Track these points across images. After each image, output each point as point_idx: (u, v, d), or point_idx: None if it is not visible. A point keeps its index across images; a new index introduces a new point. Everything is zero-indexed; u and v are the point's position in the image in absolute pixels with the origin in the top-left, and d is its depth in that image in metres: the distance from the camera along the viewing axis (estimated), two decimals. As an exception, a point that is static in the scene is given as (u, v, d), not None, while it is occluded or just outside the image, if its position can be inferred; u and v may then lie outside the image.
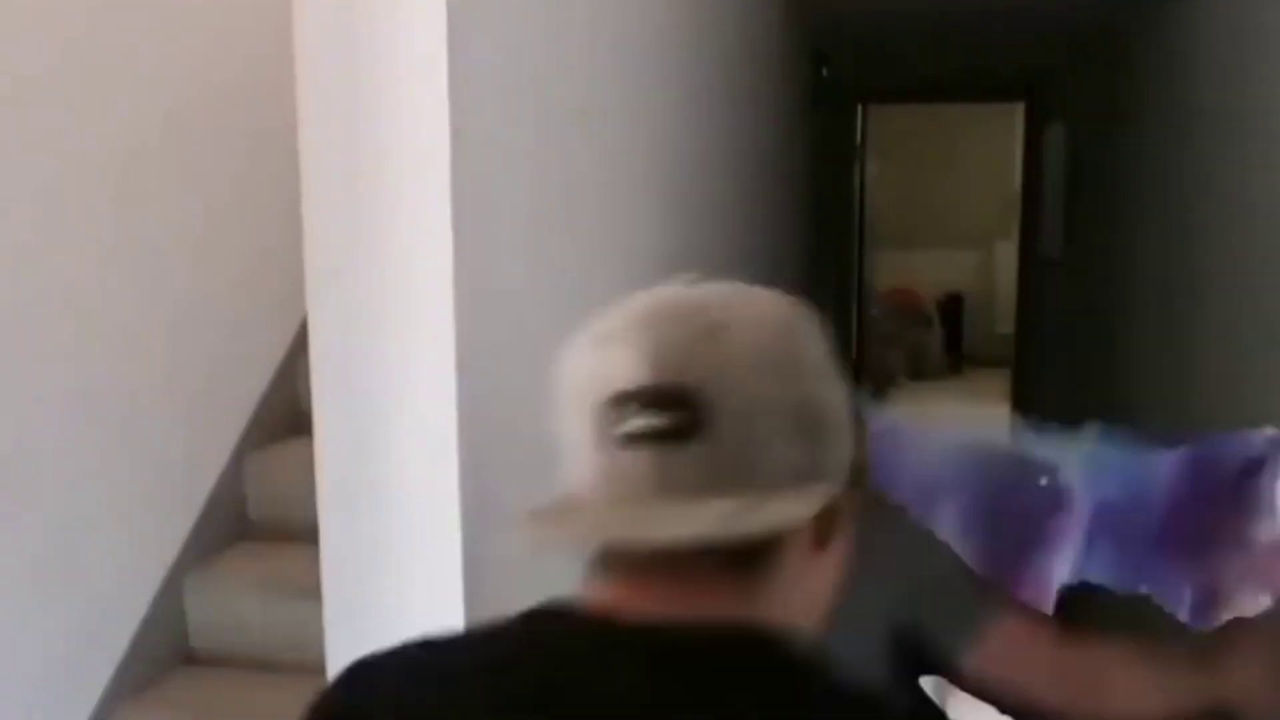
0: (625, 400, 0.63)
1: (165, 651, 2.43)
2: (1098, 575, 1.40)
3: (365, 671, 0.71)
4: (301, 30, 0.93)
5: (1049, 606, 1.36)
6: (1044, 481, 1.42)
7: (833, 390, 0.68)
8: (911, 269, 9.72)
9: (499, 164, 1.02)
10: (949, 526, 1.37)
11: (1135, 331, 3.63)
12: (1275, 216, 2.27)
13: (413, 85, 0.90)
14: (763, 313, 0.68)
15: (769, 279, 0.65)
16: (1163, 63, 3.33)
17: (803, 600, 0.69)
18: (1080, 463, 1.41)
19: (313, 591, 1.02)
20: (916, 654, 1.09)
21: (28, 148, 2.09)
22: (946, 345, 9.97)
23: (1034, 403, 6.07)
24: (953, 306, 10.08)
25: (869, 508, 0.79)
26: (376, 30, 0.91)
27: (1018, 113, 7.11)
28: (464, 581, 0.96)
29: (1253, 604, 1.28)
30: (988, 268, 9.93)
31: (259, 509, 2.76)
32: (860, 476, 0.72)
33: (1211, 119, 2.78)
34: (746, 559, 0.65)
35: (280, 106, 1.14)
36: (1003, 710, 1.13)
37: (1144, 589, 1.36)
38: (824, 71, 4.85)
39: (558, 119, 1.18)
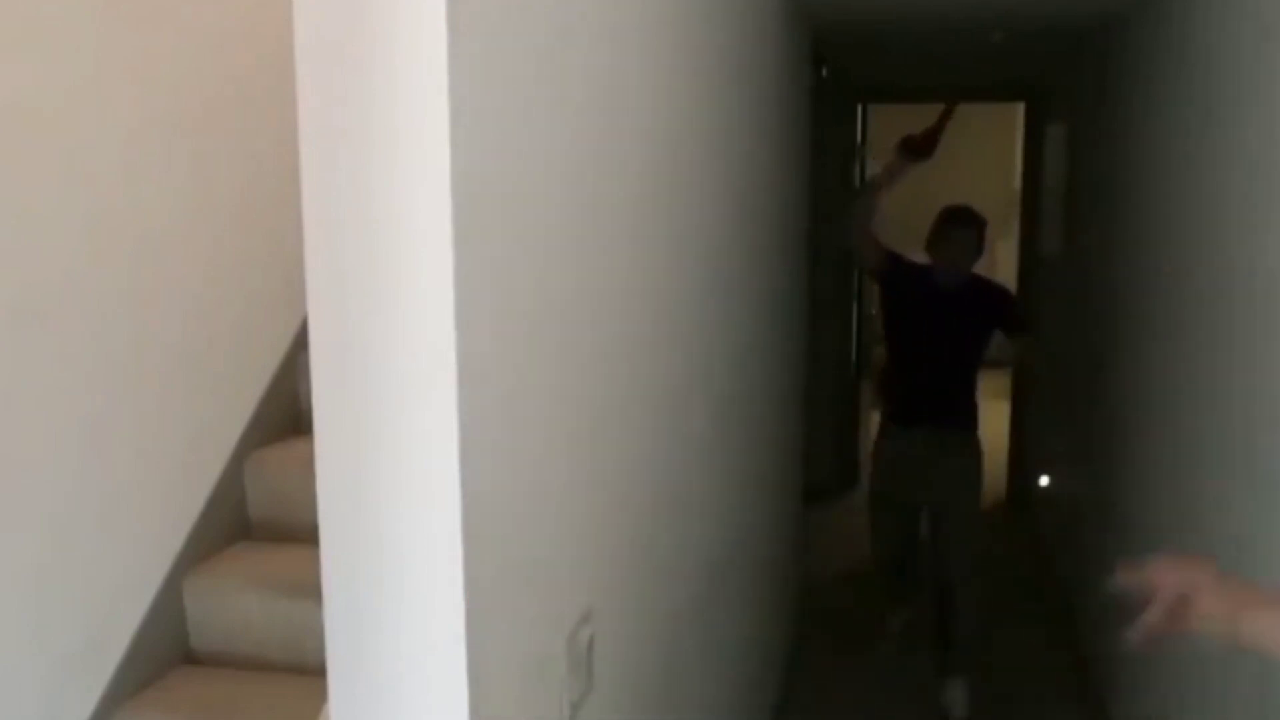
0: None
1: (165, 651, 2.43)
2: None
3: None
4: (302, 29, 0.93)
5: None
6: None
7: None
8: (911, 269, 9.70)
9: (501, 164, 1.02)
10: None
11: (1135, 330, 3.63)
12: (1275, 216, 2.27)
13: (415, 86, 0.90)
14: None
15: (768, 278, 0.65)
16: (1163, 62, 3.33)
17: None
18: None
19: (313, 591, 1.02)
20: None
21: (25, 145, 2.09)
22: (946, 345, 9.95)
23: (1034, 402, 6.07)
24: (953, 306, 10.06)
25: None
26: (378, 30, 0.91)
27: (1018, 113, 7.10)
28: (465, 581, 0.96)
29: None
30: (988, 268, 9.91)
31: (259, 509, 2.76)
32: None
33: (1212, 118, 2.78)
34: None
35: (281, 106, 1.14)
36: None
37: None
38: (824, 71, 4.85)
39: (558, 121, 1.18)
